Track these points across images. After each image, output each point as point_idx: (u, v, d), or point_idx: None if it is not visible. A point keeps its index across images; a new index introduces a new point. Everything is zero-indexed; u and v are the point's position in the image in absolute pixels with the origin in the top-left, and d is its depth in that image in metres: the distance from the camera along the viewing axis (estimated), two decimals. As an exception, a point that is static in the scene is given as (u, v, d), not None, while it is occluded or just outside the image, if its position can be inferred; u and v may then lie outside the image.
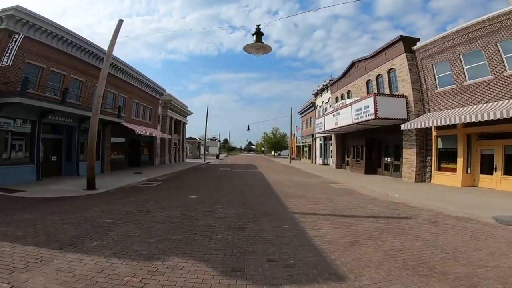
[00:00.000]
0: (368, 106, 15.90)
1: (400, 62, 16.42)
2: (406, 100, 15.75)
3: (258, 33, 8.50)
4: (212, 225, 6.13)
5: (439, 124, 12.52)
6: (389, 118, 15.48)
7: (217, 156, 54.85)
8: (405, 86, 16.05)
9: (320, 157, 33.35)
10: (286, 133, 76.75)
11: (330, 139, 30.23)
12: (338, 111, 20.35)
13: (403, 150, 15.90)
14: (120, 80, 20.00)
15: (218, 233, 5.55)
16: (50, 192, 10.10)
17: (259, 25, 8.66)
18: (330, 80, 30.01)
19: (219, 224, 6.18)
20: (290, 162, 36.29)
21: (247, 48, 8.59)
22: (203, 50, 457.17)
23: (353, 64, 23.06)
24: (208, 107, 36.70)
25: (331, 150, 30.40)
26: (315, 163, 35.12)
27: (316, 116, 34.87)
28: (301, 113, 44.52)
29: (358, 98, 18.06)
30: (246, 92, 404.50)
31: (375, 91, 18.87)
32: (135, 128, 19.17)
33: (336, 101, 26.39)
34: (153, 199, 9.40)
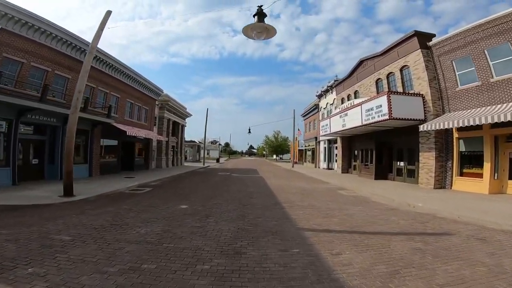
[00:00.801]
0: (380, 106, 14.49)
1: (415, 59, 15.07)
2: (423, 99, 14.34)
3: (261, 14, 7.11)
4: (199, 248, 4.71)
5: (465, 124, 11.08)
6: (405, 119, 14.06)
7: (217, 160, 53.44)
8: (421, 84, 14.66)
9: (324, 161, 31.88)
10: (288, 137, 75.56)
11: (335, 142, 28.81)
12: (345, 112, 18.96)
13: (420, 153, 14.45)
14: (112, 78, 18.72)
15: (206, 261, 4.14)
16: (19, 199, 8.74)
17: (261, 6, 7.26)
18: (335, 81, 28.69)
19: (209, 247, 4.75)
20: (292, 167, 34.83)
21: (247, 31, 7.18)
22: (205, 54, 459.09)
23: (360, 63, 21.71)
24: (208, 109, 35.45)
25: (336, 154, 28.97)
26: (319, 167, 33.64)
27: (320, 118, 33.47)
28: (303, 116, 43.16)
29: (369, 98, 16.66)
30: (248, 95, 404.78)
31: (386, 89, 17.51)
32: (127, 129, 17.84)
33: (342, 102, 25.00)
34: (135, 209, 7.99)
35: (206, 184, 14.61)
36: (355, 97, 21.99)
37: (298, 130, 45.98)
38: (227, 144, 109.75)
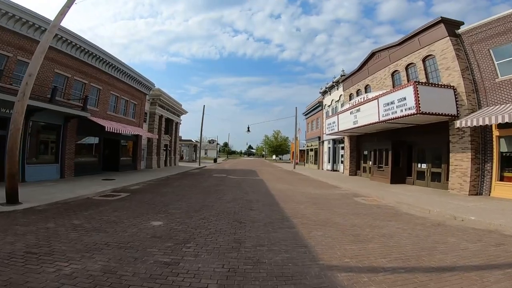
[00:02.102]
0: (404, 99, 12.26)
1: (442, 48, 12.94)
2: (455, 92, 12.11)
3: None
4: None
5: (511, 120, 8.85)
6: (435, 114, 11.84)
7: (215, 160, 51.08)
8: (451, 75, 12.45)
9: (329, 162, 29.62)
10: (287, 137, 73.31)
11: (341, 142, 26.59)
12: (357, 108, 16.71)
13: (451, 154, 12.21)
14: (94, 68, 16.43)
15: None
16: None
17: None
18: (341, 76, 26.47)
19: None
20: (294, 168, 32.55)
21: None
22: (205, 53, 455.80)
23: (372, 55, 19.52)
24: (204, 106, 33.12)
25: (341, 155, 26.76)
26: (322, 169, 31.40)
27: (325, 116, 31.30)
28: (306, 114, 40.92)
29: (387, 90, 14.44)
30: (247, 96, 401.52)
31: (405, 82, 15.32)
32: (107, 124, 15.51)
33: (351, 98, 22.79)
34: (87, 226, 5.71)
35: (196, 189, 12.29)
36: (366, 92, 19.76)
37: (299, 129, 43.74)
38: (226, 144, 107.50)
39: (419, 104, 11.54)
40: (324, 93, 31.91)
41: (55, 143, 13.96)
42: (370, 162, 19.62)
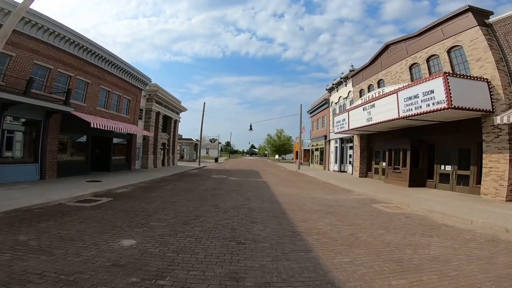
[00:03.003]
0: (431, 92, 10.67)
1: (471, 38, 11.46)
2: (489, 85, 10.50)
3: None
4: None
5: None
6: (468, 109, 10.21)
7: (216, 160, 49.57)
8: (483, 67, 10.86)
9: (335, 162, 27.98)
10: (291, 136, 71.70)
11: (349, 141, 24.96)
12: (372, 103, 15.10)
13: (485, 155, 10.59)
14: (80, 59, 14.97)
15: None
16: None
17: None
18: (350, 71, 24.80)
19: None
20: (298, 168, 30.94)
21: None
22: (208, 52, 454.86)
23: (386, 47, 17.92)
24: (204, 102, 31.66)
25: (350, 155, 25.14)
26: (329, 169, 29.77)
27: (331, 114, 29.67)
28: (310, 112, 39.27)
29: (411, 83, 12.86)
30: (250, 95, 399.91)
31: (426, 75, 13.74)
32: (92, 120, 14.04)
33: (361, 94, 21.20)
34: (30, 245, 4.25)
35: (190, 194, 10.76)
36: (379, 87, 18.14)
37: (303, 128, 42.08)
38: (228, 144, 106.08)
39: (450, 97, 9.93)
40: (330, 90, 30.25)
41: (34, 141, 12.51)
42: (384, 163, 18.01)
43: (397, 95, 12.80)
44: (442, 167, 13.53)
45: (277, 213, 7.70)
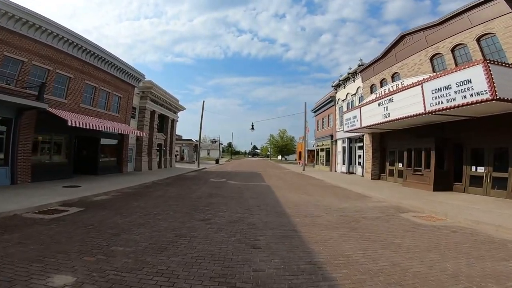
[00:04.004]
0: (468, 81, 8.96)
1: (506, 25, 10.13)
2: (535, 72, 8.77)
3: None
4: None
5: None
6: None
7: (217, 161, 47.84)
8: (524, 53, 9.12)
9: (343, 164, 26.20)
10: (293, 136, 69.93)
11: (358, 141, 23.22)
12: (389, 97, 13.35)
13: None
14: (60, 52, 13.37)
15: None
16: None
17: None
18: (359, 66, 23.03)
19: None
20: (303, 170, 29.18)
21: None
22: (210, 53, 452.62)
23: (401, 38, 16.30)
24: (204, 101, 30.10)
25: (359, 155, 23.38)
26: (336, 171, 27.98)
27: (338, 112, 27.95)
28: (314, 111, 37.49)
29: (440, 73, 11.17)
30: (251, 96, 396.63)
31: (451, 67, 12.07)
32: (70, 118, 12.40)
33: (372, 90, 19.48)
34: None
35: (179, 203, 9.04)
36: (393, 81, 16.43)
37: (307, 128, 40.29)
38: (230, 144, 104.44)
39: (494, 87, 8.20)
40: (337, 86, 28.48)
41: (4, 142, 10.88)
42: (400, 164, 16.25)
43: (421, 87, 11.05)
44: (473, 168, 11.78)
45: (286, 230, 5.98)
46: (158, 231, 5.63)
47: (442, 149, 12.82)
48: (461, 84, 9.23)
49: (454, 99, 9.49)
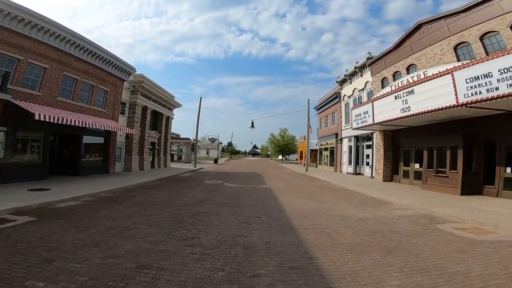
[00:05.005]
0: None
1: None
2: None
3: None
4: None
5: None
6: None
7: (215, 161, 46.17)
8: None
9: (349, 164, 24.51)
10: (294, 135, 68.20)
11: (366, 139, 21.56)
12: (409, 89, 11.69)
13: None
14: (34, 41, 11.81)
15: None
16: None
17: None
18: (368, 59, 21.33)
19: None
20: (306, 170, 27.50)
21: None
22: (210, 53, 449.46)
23: (418, 27, 14.81)
24: (201, 97, 28.51)
25: (367, 155, 21.70)
26: (341, 171, 26.28)
27: (343, 109, 26.27)
28: (318, 109, 35.81)
29: (478, 59, 9.53)
30: (252, 96, 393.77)
31: (480, 56, 10.51)
32: (39, 111, 10.76)
33: (383, 83, 17.84)
34: None
35: (159, 213, 7.32)
36: (408, 73, 14.77)
37: (310, 127, 38.61)
38: (230, 144, 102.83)
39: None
40: (342, 82, 26.78)
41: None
42: (417, 164, 14.57)
43: (452, 76, 9.39)
44: (508, 170, 10.09)
45: (296, 256, 4.30)
46: (114, 257, 3.96)
47: (470, 147, 11.15)
48: (506, 71, 7.56)
49: (497, 89, 7.84)
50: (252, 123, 31.65)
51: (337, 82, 28.17)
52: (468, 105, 8.92)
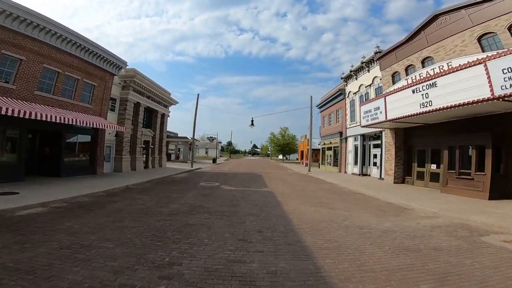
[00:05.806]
0: None
1: None
2: None
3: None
4: None
5: None
6: None
7: (214, 160, 44.83)
8: None
9: (355, 164, 23.18)
10: (295, 135, 66.96)
11: (374, 138, 20.26)
12: (431, 82, 10.39)
13: None
14: (9, 30, 10.54)
15: None
16: None
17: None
18: (376, 53, 20.00)
19: None
20: (309, 171, 26.18)
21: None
22: (211, 52, 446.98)
23: (434, 18, 13.65)
24: (198, 94, 27.28)
25: (374, 154, 20.38)
26: (346, 172, 24.94)
27: (348, 106, 24.94)
28: (320, 107, 34.44)
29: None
30: (252, 95, 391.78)
31: (509, 47, 9.30)
32: (5, 106, 9.43)
33: (394, 78, 16.57)
34: None
35: (138, 225, 5.98)
36: (423, 67, 13.50)
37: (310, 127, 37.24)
38: (229, 143, 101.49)
39: None
40: (347, 78, 25.45)
41: None
42: (434, 165, 13.28)
43: (485, 66, 8.10)
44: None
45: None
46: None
47: (499, 147, 9.85)
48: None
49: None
50: (252, 121, 30.31)
51: (341, 78, 26.83)
52: (506, 98, 7.61)
